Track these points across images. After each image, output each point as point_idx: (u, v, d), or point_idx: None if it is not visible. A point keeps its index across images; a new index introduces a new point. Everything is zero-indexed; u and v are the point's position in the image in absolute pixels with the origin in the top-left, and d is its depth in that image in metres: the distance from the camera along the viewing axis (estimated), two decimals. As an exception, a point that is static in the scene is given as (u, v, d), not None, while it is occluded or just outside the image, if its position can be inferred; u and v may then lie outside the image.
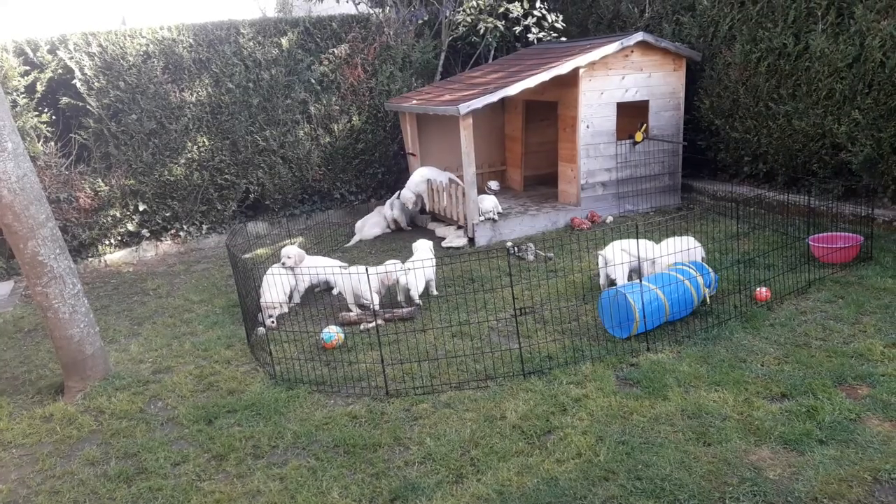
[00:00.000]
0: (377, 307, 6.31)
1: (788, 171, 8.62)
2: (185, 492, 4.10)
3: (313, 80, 10.31)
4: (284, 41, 10.07)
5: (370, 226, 9.85)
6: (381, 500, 3.84)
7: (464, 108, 8.09)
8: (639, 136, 9.22)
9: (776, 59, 8.36)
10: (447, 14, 10.94)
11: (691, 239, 6.39)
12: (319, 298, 7.27)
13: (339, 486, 4.01)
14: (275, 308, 6.68)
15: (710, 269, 5.91)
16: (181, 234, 10.08)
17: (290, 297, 7.04)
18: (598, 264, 6.60)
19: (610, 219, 9.18)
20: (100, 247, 9.57)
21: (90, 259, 9.46)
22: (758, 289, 6.03)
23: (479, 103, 8.15)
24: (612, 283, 6.42)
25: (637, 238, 5.79)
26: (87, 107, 9.22)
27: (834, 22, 7.68)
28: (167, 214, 9.90)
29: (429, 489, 3.88)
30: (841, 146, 7.81)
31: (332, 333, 5.98)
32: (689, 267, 5.83)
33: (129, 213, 9.63)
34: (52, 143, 9.16)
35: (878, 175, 7.52)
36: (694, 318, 5.78)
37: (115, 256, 9.64)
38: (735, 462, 3.83)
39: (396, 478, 4.03)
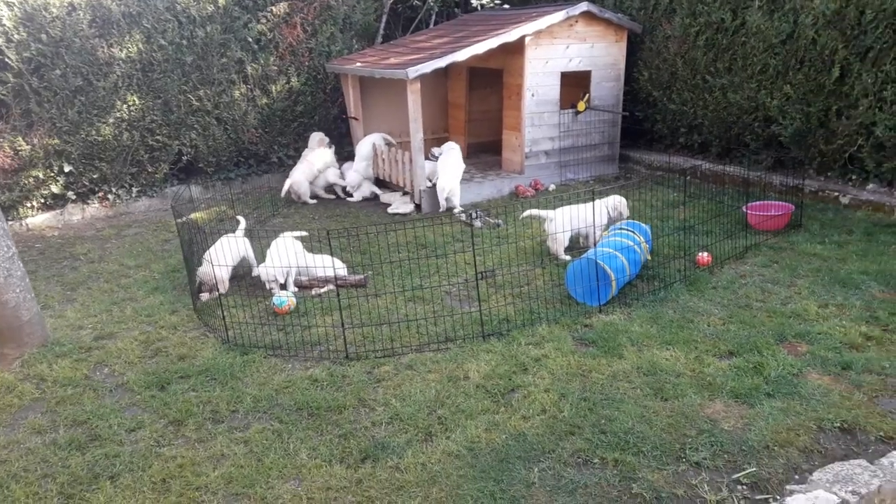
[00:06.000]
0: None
1: (722, 143, 8.97)
2: (144, 457, 3.97)
3: (250, 39, 9.93)
4: (220, -3, 9.62)
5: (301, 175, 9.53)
6: (352, 460, 3.84)
7: (412, 72, 7.98)
8: (581, 106, 9.36)
9: (714, 33, 8.63)
10: (389, -24, 10.74)
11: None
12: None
13: (307, 447, 3.97)
14: (211, 279, 6.18)
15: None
16: (109, 196, 9.60)
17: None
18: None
19: (552, 187, 9.33)
20: (21, 210, 9.00)
21: (10, 223, 8.87)
22: (699, 254, 6.29)
23: (427, 67, 8.06)
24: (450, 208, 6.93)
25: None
26: (6, 60, 8.57)
27: (769, -1, 7.98)
28: (95, 176, 9.39)
29: (399, 447, 3.90)
30: (772, 119, 8.18)
31: (284, 298, 5.88)
32: (630, 230, 6.03)
33: (53, 174, 9.07)
34: (-34, 98, 8.51)
35: (805, 147, 7.93)
36: (640, 281, 5.99)
37: (37, 220, 9.10)
38: (692, 415, 4.03)
39: (365, 438, 4.03)
